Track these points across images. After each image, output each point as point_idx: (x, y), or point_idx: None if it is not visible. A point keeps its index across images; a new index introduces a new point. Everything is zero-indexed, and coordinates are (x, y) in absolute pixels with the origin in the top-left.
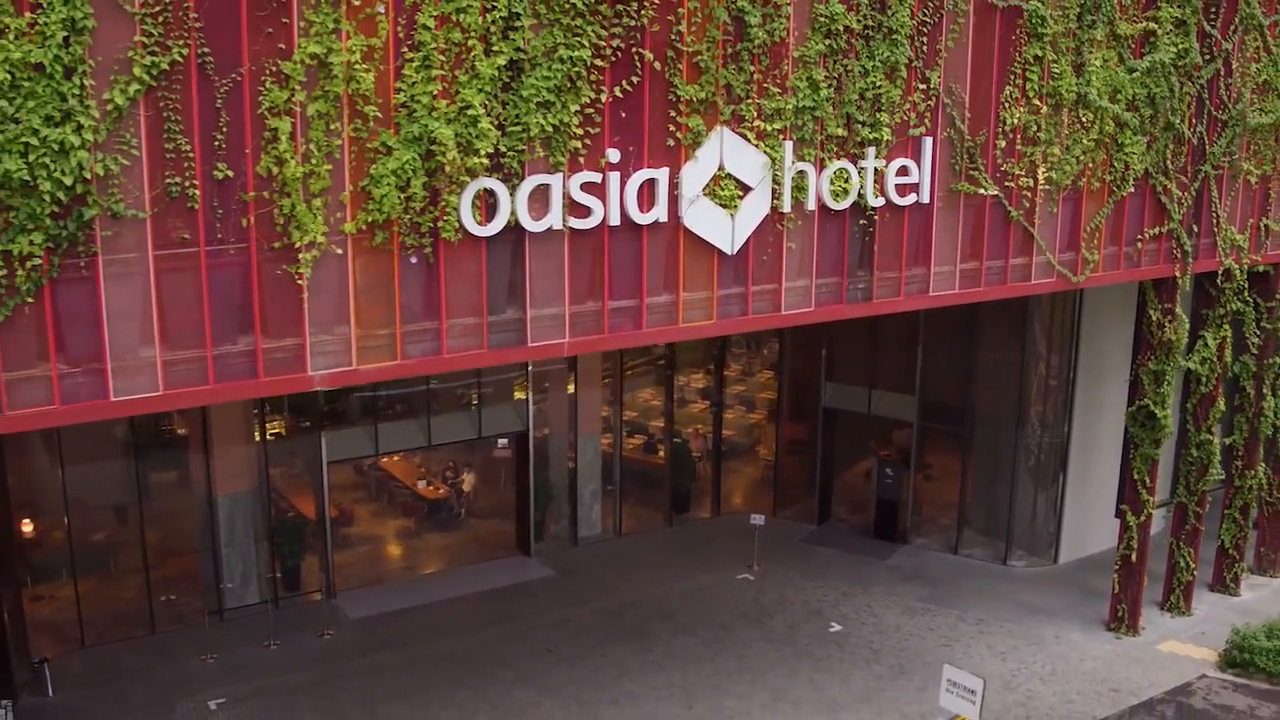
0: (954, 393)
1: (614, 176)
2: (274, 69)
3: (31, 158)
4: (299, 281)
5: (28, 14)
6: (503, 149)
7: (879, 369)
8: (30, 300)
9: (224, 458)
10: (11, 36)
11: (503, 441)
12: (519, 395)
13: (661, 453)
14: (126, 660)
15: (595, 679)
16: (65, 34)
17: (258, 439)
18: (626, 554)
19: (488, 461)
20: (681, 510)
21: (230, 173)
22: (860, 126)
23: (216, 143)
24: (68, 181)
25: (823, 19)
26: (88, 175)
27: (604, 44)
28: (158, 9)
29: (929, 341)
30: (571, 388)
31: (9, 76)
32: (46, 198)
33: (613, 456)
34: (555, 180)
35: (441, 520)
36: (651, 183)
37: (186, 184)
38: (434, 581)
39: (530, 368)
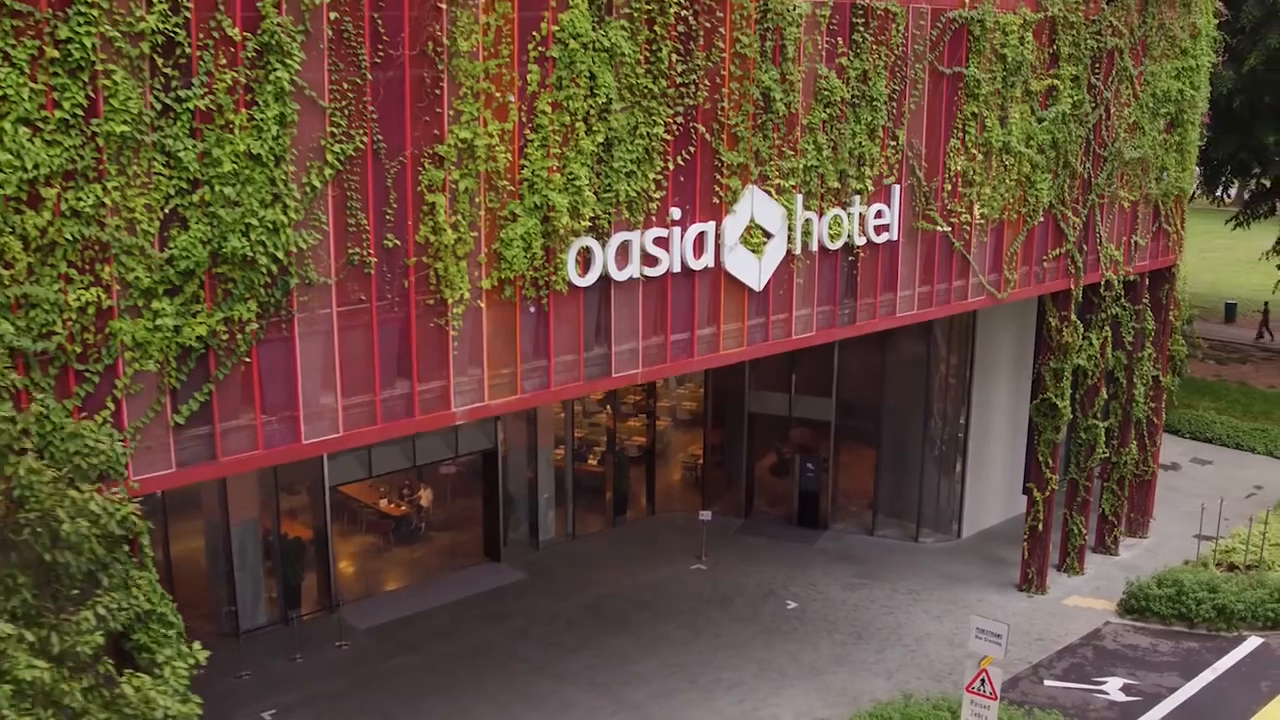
0: (867, 393)
1: (675, 231)
2: (431, 152)
3: (251, 236)
4: (451, 332)
5: (243, 111)
6: (597, 212)
7: (798, 375)
8: (247, 359)
9: (238, 488)
10: (236, 131)
11: (447, 459)
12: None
13: (602, 460)
14: None
15: (602, 664)
16: (277, 127)
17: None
18: (584, 554)
19: (438, 479)
20: (620, 512)
21: (397, 241)
22: (850, 179)
23: (387, 216)
24: (279, 255)
25: (824, 91)
26: (291, 249)
27: (670, 121)
28: (344, 103)
29: (844, 347)
30: None
31: (234, 167)
32: (263, 270)
33: (565, 467)
34: (634, 236)
35: (406, 535)
36: (702, 235)
37: (364, 253)
38: (422, 590)
39: None
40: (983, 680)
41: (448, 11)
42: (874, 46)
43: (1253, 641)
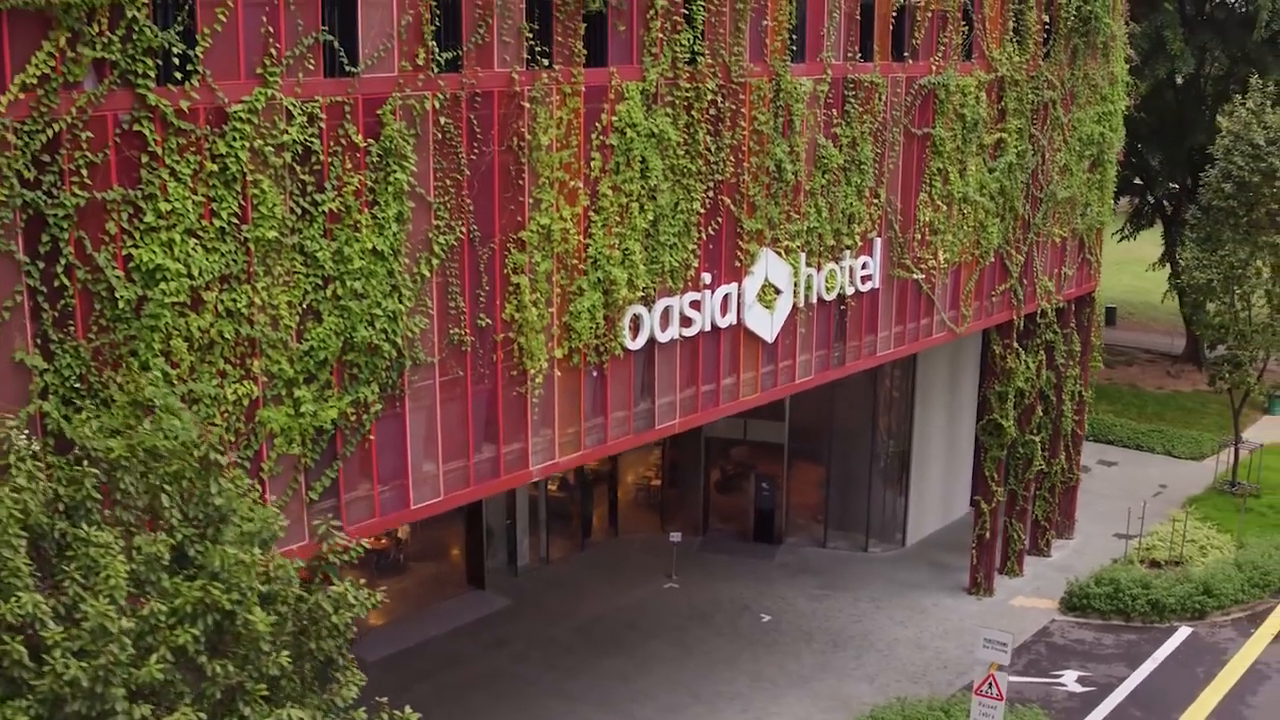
0: (817, 415)
1: (707, 294)
2: (515, 238)
3: (376, 325)
4: (532, 399)
5: (367, 211)
6: (647, 282)
7: None
8: (370, 437)
9: None
10: (363, 230)
11: None
12: None
13: (563, 486)
14: None
15: (606, 684)
16: (396, 224)
17: None
18: (561, 578)
19: None
20: (587, 535)
21: (488, 320)
22: (843, 236)
23: (480, 298)
24: (398, 341)
25: (823, 159)
26: (407, 334)
27: (703, 196)
28: (446, 198)
29: None
30: None
31: (362, 263)
32: (385, 355)
33: (538, 494)
34: (675, 301)
35: (387, 567)
36: (727, 296)
37: (462, 333)
38: (418, 620)
39: None
40: (990, 683)
41: (529, 109)
42: (861, 115)
43: (1184, 631)
